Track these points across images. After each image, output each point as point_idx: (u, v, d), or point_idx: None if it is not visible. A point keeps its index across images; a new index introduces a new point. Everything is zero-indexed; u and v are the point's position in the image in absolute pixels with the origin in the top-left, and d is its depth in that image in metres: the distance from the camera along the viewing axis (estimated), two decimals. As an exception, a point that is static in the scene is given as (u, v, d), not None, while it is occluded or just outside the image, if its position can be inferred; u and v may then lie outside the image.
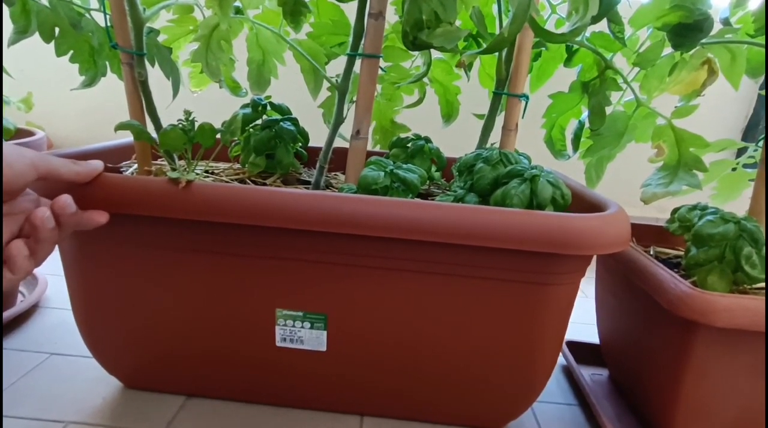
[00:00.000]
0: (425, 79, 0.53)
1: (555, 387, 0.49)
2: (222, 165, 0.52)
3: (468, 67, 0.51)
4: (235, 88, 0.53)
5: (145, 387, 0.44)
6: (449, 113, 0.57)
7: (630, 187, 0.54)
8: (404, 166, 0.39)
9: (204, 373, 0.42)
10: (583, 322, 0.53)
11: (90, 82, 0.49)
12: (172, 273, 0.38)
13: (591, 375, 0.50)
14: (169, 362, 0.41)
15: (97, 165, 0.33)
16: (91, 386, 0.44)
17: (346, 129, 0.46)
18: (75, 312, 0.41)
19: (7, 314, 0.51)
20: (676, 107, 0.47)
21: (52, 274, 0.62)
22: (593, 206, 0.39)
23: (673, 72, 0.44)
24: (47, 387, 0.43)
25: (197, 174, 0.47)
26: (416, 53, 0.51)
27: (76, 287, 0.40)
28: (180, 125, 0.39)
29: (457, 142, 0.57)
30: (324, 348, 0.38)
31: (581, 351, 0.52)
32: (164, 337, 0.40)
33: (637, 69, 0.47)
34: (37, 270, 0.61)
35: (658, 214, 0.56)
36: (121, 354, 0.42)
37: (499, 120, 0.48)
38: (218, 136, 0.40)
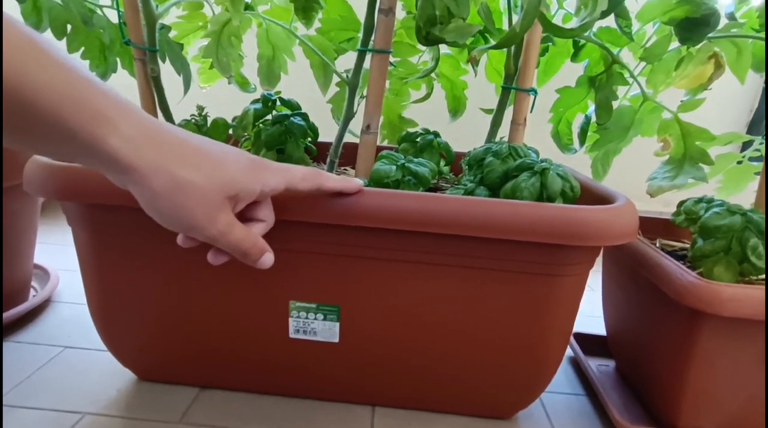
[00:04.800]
0: (432, 75, 0.53)
1: (563, 377, 0.50)
2: (232, 160, 0.53)
3: (475, 63, 0.51)
4: (244, 84, 0.53)
5: (159, 380, 0.44)
6: (456, 108, 0.58)
7: (635, 181, 0.55)
8: (415, 159, 0.39)
9: (217, 365, 0.42)
10: (590, 315, 0.53)
11: (101, 78, 0.50)
12: (186, 266, 0.38)
13: (598, 366, 0.51)
14: (183, 354, 0.42)
15: (360, 183, 0.33)
16: (105, 378, 0.44)
17: (355, 125, 0.47)
18: (90, 306, 0.42)
19: (20, 308, 0.51)
20: (682, 101, 0.47)
21: (63, 270, 0.63)
22: (602, 199, 0.39)
23: (679, 66, 0.45)
24: (63, 380, 0.44)
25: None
26: (424, 48, 0.52)
27: (92, 281, 0.41)
28: (193, 120, 0.39)
29: (464, 137, 0.58)
30: (337, 340, 0.39)
31: (588, 343, 0.53)
32: (178, 330, 0.41)
33: (643, 63, 0.47)
34: (48, 266, 0.62)
35: (663, 207, 0.57)
36: (136, 346, 0.43)
37: (507, 114, 0.48)
38: (230, 131, 0.40)
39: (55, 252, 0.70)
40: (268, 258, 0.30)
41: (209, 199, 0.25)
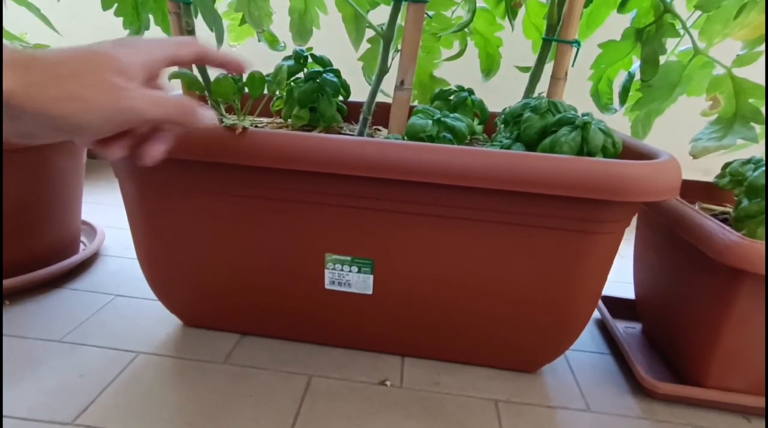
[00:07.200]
0: (466, 30, 0.51)
1: (588, 337, 0.50)
2: (265, 119, 0.53)
3: (513, 15, 0.49)
4: (273, 42, 0.53)
5: (204, 326, 0.47)
6: (490, 67, 0.56)
7: (676, 147, 0.53)
8: (451, 115, 0.39)
9: (257, 313, 0.45)
10: (618, 281, 0.53)
11: (134, 36, 0.50)
12: (228, 218, 0.40)
13: (625, 328, 0.51)
14: (225, 302, 0.45)
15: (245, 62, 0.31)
16: (154, 323, 0.48)
17: (387, 85, 0.46)
18: (139, 256, 0.45)
19: (72, 260, 0.55)
20: (737, 56, 0.44)
21: (108, 227, 0.66)
22: (643, 157, 0.38)
23: (740, 15, 0.41)
24: (116, 323, 0.47)
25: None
26: (459, 0, 0.49)
27: (140, 232, 0.43)
28: (229, 74, 0.39)
29: (497, 99, 0.56)
30: (370, 292, 0.41)
31: (616, 306, 0.53)
32: (221, 279, 0.43)
33: (696, 16, 0.44)
34: (95, 222, 0.65)
35: (703, 176, 0.55)
36: (182, 294, 0.45)
37: (547, 69, 0.46)
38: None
39: (101, 210, 0.73)
40: (208, 111, 0.28)
41: (105, 78, 0.23)
